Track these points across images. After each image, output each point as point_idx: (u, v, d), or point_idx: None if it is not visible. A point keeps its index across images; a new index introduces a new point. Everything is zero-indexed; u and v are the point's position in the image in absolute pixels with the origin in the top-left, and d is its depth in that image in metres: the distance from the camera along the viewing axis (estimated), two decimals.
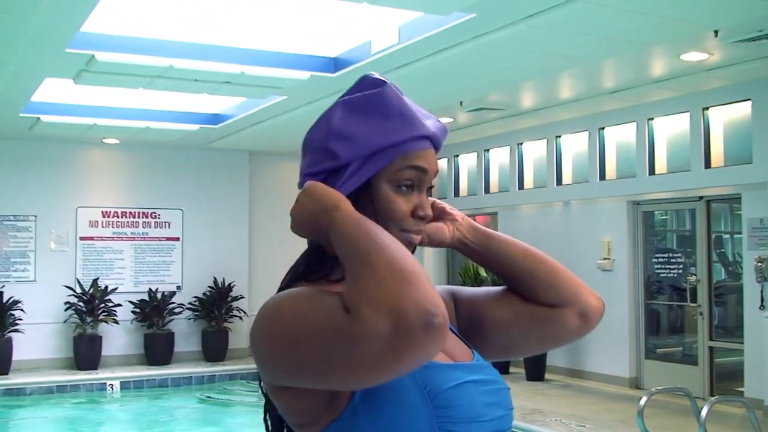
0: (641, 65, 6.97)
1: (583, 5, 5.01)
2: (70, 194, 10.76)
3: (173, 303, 10.89)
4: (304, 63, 6.88)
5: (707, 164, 7.89)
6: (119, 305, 10.45)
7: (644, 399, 5.29)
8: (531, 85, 7.69)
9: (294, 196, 1.18)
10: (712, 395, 7.87)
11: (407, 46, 6.06)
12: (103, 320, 10.31)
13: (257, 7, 5.92)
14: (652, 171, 8.51)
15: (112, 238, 10.95)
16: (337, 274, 1.16)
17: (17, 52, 6.17)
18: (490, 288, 1.35)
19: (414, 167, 1.17)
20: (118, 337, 10.68)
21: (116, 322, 10.40)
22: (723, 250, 8.62)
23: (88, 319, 10.24)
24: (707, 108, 7.89)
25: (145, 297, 10.77)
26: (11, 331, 9.85)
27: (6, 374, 9.69)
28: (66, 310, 10.31)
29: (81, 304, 10.27)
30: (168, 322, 10.81)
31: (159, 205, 11.22)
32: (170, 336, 10.74)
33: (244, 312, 11.10)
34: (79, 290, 10.34)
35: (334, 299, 1.00)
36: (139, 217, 11.13)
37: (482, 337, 1.30)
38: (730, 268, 8.59)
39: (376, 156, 1.16)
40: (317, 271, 1.17)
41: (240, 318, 11.07)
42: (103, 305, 10.35)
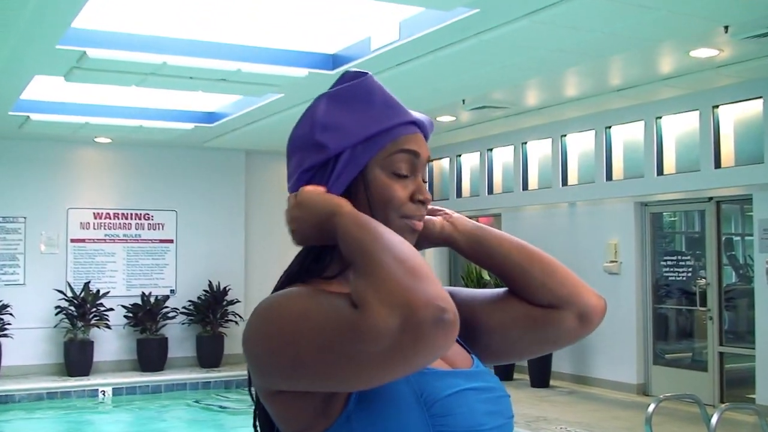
0: (649, 62, 6.97)
1: (589, 0, 5.01)
2: (61, 195, 10.76)
3: (167, 307, 10.89)
4: (302, 60, 6.88)
5: (717, 164, 7.89)
6: (111, 309, 10.45)
7: (652, 406, 5.28)
8: (535, 82, 7.70)
9: None
10: (722, 402, 7.87)
11: (408, 42, 6.06)
12: (94, 325, 10.30)
13: (255, 3, 5.92)
14: (660, 171, 8.51)
15: (104, 241, 10.95)
16: (334, 269, 1.16)
17: (6, 49, 6.17)
18: (488, 290, 1.34)
19: (406, 151, 1.18)
20: (110, 342, 10.67)
21: (108, 326, 10.40)
22: (733, 252, 8.61)
23: (79, 323, 10.23)
24: (717, 106, 7.89)
25: (138, 301, 10.77)
26: None
27: None
28: (56, 314, 10.30)
29: (72, 308, 10.26)
30: (161, 327, 10.80)
31: (152, 207, 11.22)
32: (164, 341, 10.73)
33: (240, 316, 11.09)
34: (69, 294, 10.34)
35: (338, 296, 1.01)
36: (131, 219, 11.13)
37: (480, 341, 1.29)
38: (740, 271, 8.59)
39: (366, 143, 1.17)
40: (313, 269, 1.17)
41: (236, 323, 11.07)
42: (94, 309, 10.34)
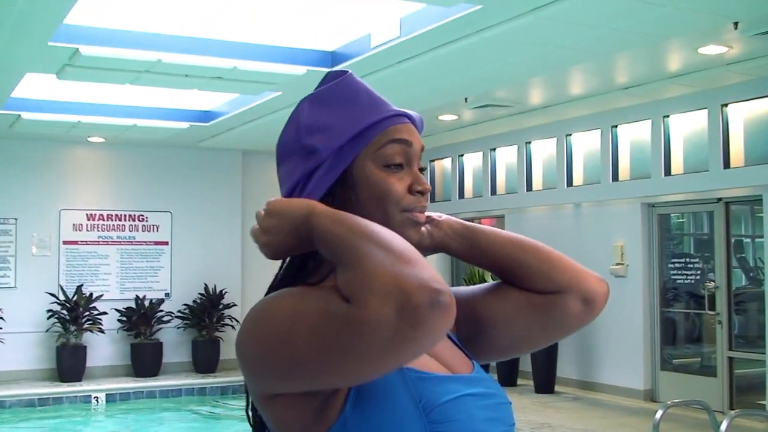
0: (656, 59, 6.97)
1: None
2: (53, 196, 10.76)
3: (161, 311, 10.88)
4: (300, 57, 6.89)
5: (726, 164, 7.88)
6: (104, 313, 10.44)
7: (660, 412, 5.28)
8: (540, 80, 7.69)
9: None
10: (732, 409, 7.87)
11: (409, 39, 6.06)
12: (87, 329, 10.30)
13: (254, 0, 5.93)
14: (667, 171, 8.51)
15: (97, 243, 10.95)
16: (319, 274, 1.15)
17: None
18: (487, 284, 1.33)
19: (397, 140, 1.17)
20: (104, 346, 10.67)
21: (101, 331, 10.40)
22: (743, 254, 8.61)
23: (72, 327, 10.23)
24: (726, 104, 7.89)
25: (132, 304, 10.76)
26: None
27: None
28: (48, 318, 10.30)
29: (64, 312, 10.26)
30: (156, 331, 10.80)
31: (147, 208, 11.22)
32: (158, 346, 10.73)
33: (237, 321, 11.09)
34: (62, 297, 10.33)
35: (328, 292, 1.00)
36: (125, 220, 11.13)
37: (485, 338, 1.29)
38: (750, 274, 8.58)
39: (354, 140, 1.16)
40: (299, 277, 1.16)
41: (232, 327, 11.06)
42: (87, 313, 10.34)
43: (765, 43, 6.30)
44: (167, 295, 11.18)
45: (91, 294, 10.50)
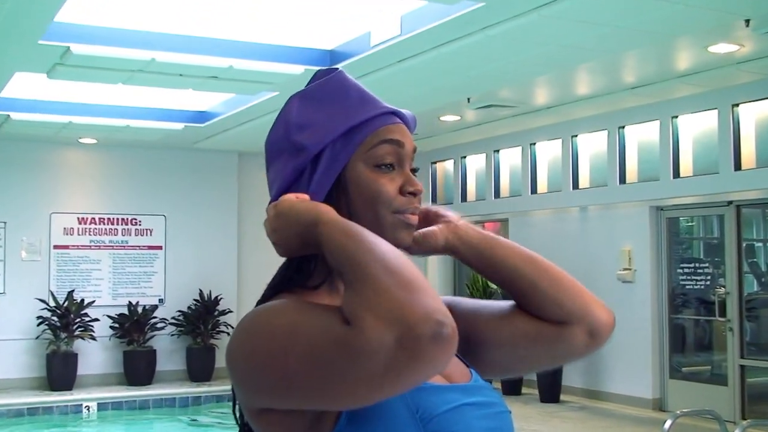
0: (665, 58, 6.97)
1: None
2: (43, 199, 10.76)
3: (155, 317, 10.88)
4: (298, 56, 6.89)
5: (737, 166, 7.88)
6: (96, 320, 10.44)
7: (669, 422, 5.27)
8: (545, 80, 7.69)
9: None
10: (743, 419, 7.85)
11: (410, 37, 6.06)
12: (78, 336, 10.29)
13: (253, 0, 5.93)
14: (676, 173, 8.50)
15: (88, 247, 10.95)
16: (317, 278, 1.16)
17: None
18: (492, 303, 1.33)
19: (388, 141, 1.18)
20: (95, 354, 10.66)
21: (93, 338, 10.39)
22: (755, 259, 8.60)
23: (63, 335, 10.22)
24: (737, 105, 7.89)
25: (125, 311, 10.76)
26: None
27: None
28: (38, 325, 10.29)
29: (55, 318, 10.25)
30: (149, 339, 10.79)
31: (140, 211, 11.22)
32: (152, 353, 10.72)
33: (233, 327, 11.05)
34: (52, 303, 10.33)
35: (328, 311, 0.99)
36: (118, 224, 11.13)
37: (485, 355, 1.29)
38: (762, 279, 8.58)
39: (345, 138, 1.16)
40: (296, 280, 1.17)
41: (228, 334, 11.06)
42: (78, 320, 10.34)
43: None
44: (161, 301, 11.17)
45: (83, 300, 10.49)
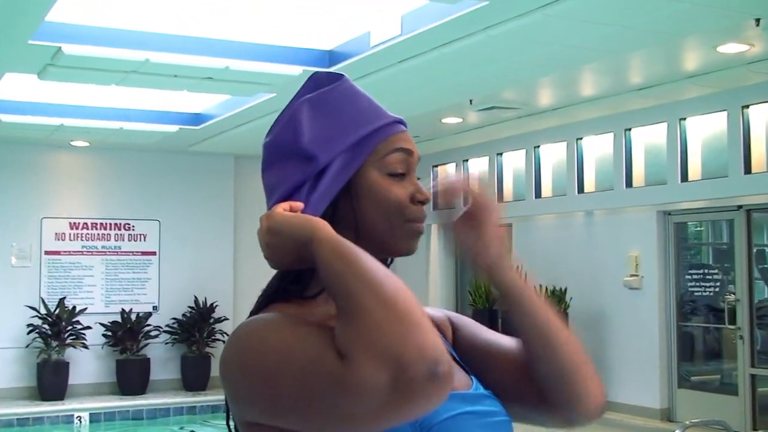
0: (673, 59, 6.96)
1: None
2: (34, 203, 10.75)
3: (149, 325, 10.87)
4: (296, 57, 6.89)
5: (747, 169, 7.87)
6: (88, 328, 10.43)
7: None
8: (549, 81, 7.69)
9: None
10: (754, 429, 7.84)
11: (410, 37, 6.06)
12: (70, 345, 10.28)
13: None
14: (684, 177, 8.50)
15: (80, 253, 10.94)
16: (314, 288, 1.16)
17: None
18: (499, 340, 1.33)
19: (400, 149, 1.22)
20: (87, 363, 10.65)
21: (85, 346, 10.38)
22: (765, 265, 8.59)
23: (54, 343, 10.21)
24: (747, 106, 7.88)
25: (118, 318, 10.75)
26: None
27: None
28: (28, 333, 10.28)
29: (45, 326, 10.24)
30: (143, 347, 10.78)
31: (133, 216, 11.21)
32: (145, 362, 10.71)
33: (228, 335, 11.06)
34: (43, 311, 10.32)
35: (324, 336, 0.99)
36: (111, 229, 11.12)
37: (480, 378, 1.30)
38: None
39: (356, 148, 1.19)
40: (292, 291, 1.18)
41: (224, 342, 11.02)
42: (70, 328, 10.33)
43: None
44: (155, 308, 11.16)
45: (74, 307, 10.48)
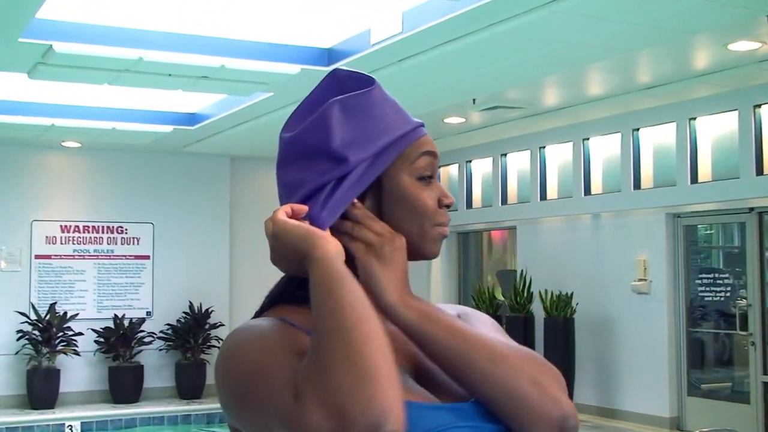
0: (682, 57, 6.97)
1: None
2: (24, 206, 10.75)
3: (142, 331, 10.87)
4: (294, 55, 6.89)
5: (759, 170, 7.88)
6: (80, 334, 10.43)
7: None
8: (555, 80, 7.70)
9: None
10: None
11: (412, 35, 6.06)
12: (61, 351, 10.28)
13: None
14: (694, 178, 8.50)
15: (72, 257, 10.94)
16: None
17: None
18: None
19: (428, 153, 1.26)
20: (79, 370, 10.64)
21: (76, 353, 10.37)
22: None
23: (44, 350, 10.21)
24: (759, 105, 7.89)
25: (111, 324, 10.74)
26: None
27: None
28: (18, 339, 10.27)
29: (36, 332, 10.24)
30: (136, 354, 10.78)
31: (126, 219, 11.21)
32: (139, 369, 10.71)
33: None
34: (33, 317, 10.31)
35: (294, 365, 1.02)
36: (103, 233, 11.12)
37: None
38: None
39: (382, 154, 1.22)
40: (299, 296, 1.20)
41: (219, 349, 11.03)
42: (61, 334, 10.32)
43: None
44: (149, 313, 11.16)
45: (66, 313, 10.48)
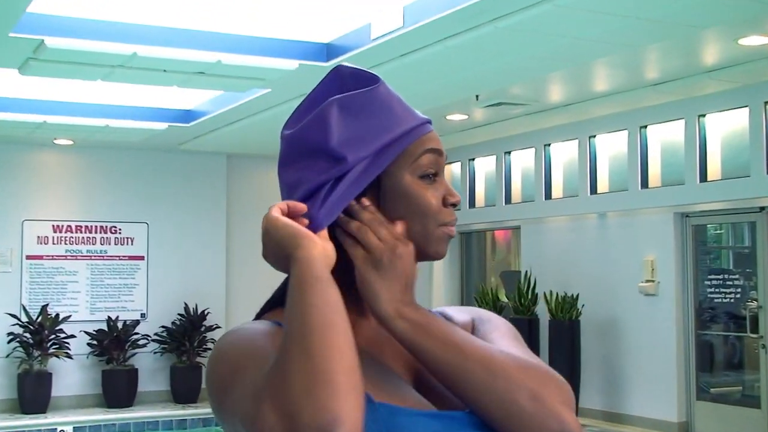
0: (691, 52, 6.97)
1: None
2: (15, 205, 10.76)
3: (137, 334, 10.87)
4: (292, 50, 6.89)
5: None
6: (72, 336, 10.43)
7: None
8: (559, 75, 7.69)
9: None
10: None
11: (413, 30, 6.06)
12: (53, 354, 10.28)
13: None
14: (703, 177, 8.50)
15: (64, 257, 10.94)
16: None
17: None
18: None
19: (432, 150, 1.24)
20: (71, 374, 10.65)
21: (69, 356, 10.37)
22: None
23: (36, 353, 10.21)
24: None
25: (104, 327, 10.74)
26: None
27: None
28: (9, 342, 10.28)
29: (27, 335, 10.24)
30: (130, 357, 10.78)
31: (120, 218, 11.22)
32: (133, 373, 10.71)
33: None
34: (24, 319, 10.32)
35: (263, 371, 1.03)
36: (96, 233, 11.12)
37: None
38: None
39: (382, 152, 1.21)
40: None
41: None
42: (53, 336, 10.32)
43: None
44: (143, 315, 11.16)
45: (58, 315, 10.48)
